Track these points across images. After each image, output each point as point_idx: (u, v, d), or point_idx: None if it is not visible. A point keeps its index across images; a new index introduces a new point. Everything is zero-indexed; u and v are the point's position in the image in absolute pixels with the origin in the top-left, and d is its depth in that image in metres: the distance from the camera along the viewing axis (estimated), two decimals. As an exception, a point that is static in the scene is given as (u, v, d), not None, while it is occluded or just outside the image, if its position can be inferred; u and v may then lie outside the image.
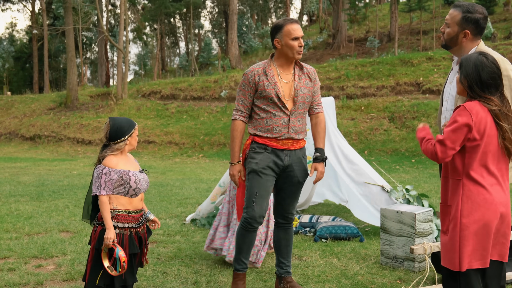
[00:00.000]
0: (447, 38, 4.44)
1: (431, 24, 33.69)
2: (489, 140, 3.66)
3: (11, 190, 11.82)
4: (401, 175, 13.95)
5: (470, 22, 4.32)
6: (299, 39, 4.74)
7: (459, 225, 3.67)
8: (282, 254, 5.08)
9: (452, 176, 3.78)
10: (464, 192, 3.69)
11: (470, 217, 3.65)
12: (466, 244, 3.65)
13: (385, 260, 5.89)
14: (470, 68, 3.72)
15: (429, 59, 24.71)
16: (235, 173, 4.85)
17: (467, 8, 4.33)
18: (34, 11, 50.39)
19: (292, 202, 4.98)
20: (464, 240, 3.65)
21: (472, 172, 3.68)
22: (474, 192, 3.67)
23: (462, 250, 3.65)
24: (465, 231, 3.65)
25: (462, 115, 3.63)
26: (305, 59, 34.64)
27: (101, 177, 4.10)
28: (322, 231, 7.03)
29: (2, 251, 6.49)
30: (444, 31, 4.46)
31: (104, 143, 4.30)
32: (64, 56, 53.11)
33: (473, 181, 3.68)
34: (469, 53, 3.92)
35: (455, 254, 3.69)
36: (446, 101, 4.52)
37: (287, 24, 4.74)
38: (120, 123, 4.26)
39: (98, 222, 4.19)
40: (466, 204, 3.67)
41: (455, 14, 4.36)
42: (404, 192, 7.07)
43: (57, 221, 8.29)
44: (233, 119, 4.88)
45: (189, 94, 28.74)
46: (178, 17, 61.27)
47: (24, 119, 29.52)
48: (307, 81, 4.89)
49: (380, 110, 21.76)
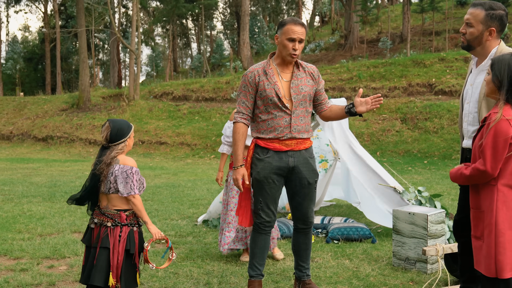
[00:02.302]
0: (470, 38, 4.35)
1: (443, 25, 33.55)
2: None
3: (24, 191, 11.87)
4: (413, 177, 13.89)
5: (495, 19, 4.26)
6: (295, 42, 4.62)
7: (495, 231, 3.61)
8: (302, 258, 5.04)
9: None
10: (498, 198, 3.63)
11: (506, 223, 3.60)
12: (503, 251, 3.59)
13: (397, 261, 5.86)
14: (505, 68, 3.64)
15: (441, 60, 24.61)
16: (238, 177, 4.71)
17: (489, 5, 4.27)
18: (46, 12, 50.64)
19: (309, 205, 4.89)
20: (500, 247, 3.60)
21: (507, 177, 3.62)
22: (509, 197, 3.61)
23: (498, 257, 3.60)
24: (501, 237, 3.60)
25: (503, 126, 3.55)
26: (317, 60, 34.60)
27: (132, 177, 4.11)
28: (334, 232, 7.01)
29: (14, 251, 6.52)
30: (465, 31, 4.36)
31: (104, 145, 4.25)
32: (76, 57, 53.36)
33: (508, 187, 3.63)
34: (501, 54, 3.84)
35: (491, 260, 3.64)
36: (467, 103, 4.44)
37: (290, 23, 4.65)
38: (120, 125, 4.23)
39: (125, 223, 4.16)
40: (501, 211, 3.61)
41: (477, 12, 4.29)
42: (416, 193, 7.03)
43: (69, 222, 8.32)
44: (234, 121, 4.77)
45: (201, 95, 28.77)
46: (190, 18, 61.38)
47: (37, 120, 29.66)
48: (309, 79, 4.80)
49: (392, 111, 21.69)
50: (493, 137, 3.55)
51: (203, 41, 49.36)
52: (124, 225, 4.14)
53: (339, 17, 46.10)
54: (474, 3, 4.37)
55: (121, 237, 4.10)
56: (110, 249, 4.07)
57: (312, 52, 39.95)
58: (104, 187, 4.15)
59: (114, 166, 4.14)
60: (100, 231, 4.13)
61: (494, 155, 3.56)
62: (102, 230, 4.12)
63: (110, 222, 4.13)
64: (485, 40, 4.31)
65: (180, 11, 47.09)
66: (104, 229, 4.12)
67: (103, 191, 4.17)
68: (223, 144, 6.33)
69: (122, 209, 4.17)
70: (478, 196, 3.76)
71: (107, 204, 4.18)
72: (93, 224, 4.18)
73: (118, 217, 4.14)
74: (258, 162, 4.74)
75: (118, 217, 4.14)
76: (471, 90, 4.43)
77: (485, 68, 4.33)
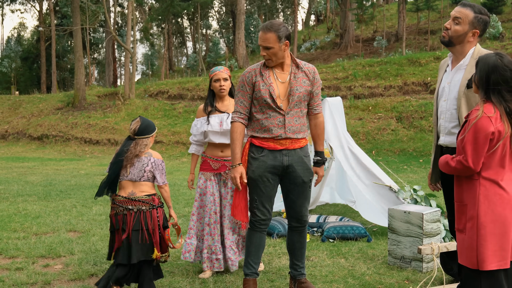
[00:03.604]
0: (453, 35, 4.49)
1: (439, 24, 33.63)
2: (505, 141, 3.65)
3: (19, 189, 11.85)
4: (408, 175, 13.91)
5: (481, 23, 4.44)
6: (263, 48, 4.65)
7: (477, 224, 3.69)
8: (296, 257, 5.03)
9: None
10: (481, 191, 3.70)
11: (487, 216, 3.66)
12: (484, 244, 3.67)
13: (393, 260, 5.87)
14: (486, 68, 3.71)
15: (437, 59, 24.65)
16: (237, 175, 4.70)
17: (478, 9, 4.45)
18: (42, 11, 50.55)
19: (303, 203, 4.89)
20: (481, 239, 3.67)
21: (489, 171, 3.69)
22: (491, 191, 3.67)
23: (480, 249, 3.68)
24: (482, 230, 3.67)
25: (483, 123, 3.62)
26: (313, 59, 34.63)
27: (164, 168, 4.84)
28: (329, 231, 7.02)
29: (10, 250, 6.51)
30: (450, 27, 4.49)
31: (130, 136, 4.84)
32: (72, 56, 53.25)
33: (490, 180, 3.69)
34: (486, 54, 3.90)
35: (473, 253, 3.72)
36: (444, 101, 4.55)
37: (260, 29, 4.74)
38: (149, 122, 4.88)
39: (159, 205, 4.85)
40: (483, 204, 3.68)
41: (467, 13, 4.43)
42: (411, 192, 7.05)
43: (64, 221, 8.31)
44: (232, 121, 4.78)
45: (196, 94, 28.76)
46: (186, 17, 61.32)
47: (32, 119, 29.60)
48: (305, 79, 4.78)
49: (388, 110, 21.72)
50: (474, 133, 3.63)
51: (199, 40, 49.35)
52: (158, 206, 4.81)
53: (334, 16, 46.19)
54: (464, 3, 4.52)
55: (159, 216, 4.79)
56: (150, 229, 4.72)
57: (307, 51, 40.00)
58: (131, 175, 4.77)
59: (148, 158, 4.80)
60: (135, 215, 4.71)
61: (475, 151, 3.64)
62: (138, 214, 4.72)
63: (145, 206, 4.73)
64: (467, 40, 4.47)
65: (175, 9, 47.03)
66: (137, 213, 4.71)
67: (130, 178, 4.78)
68: (191, 144, 5.91)
69: (150, 193, 4.79)
70: (462, 189, 3.84)
71: (133, 190, 4.76)
72: (125, 210, 4.71)
73: (152, 201, 4.78)
74: (253, 161, 4.75)
75: (152, 201, 4.78)
76: (448, 88, 4.57)
77: (463, 67, 4.50)
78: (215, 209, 5.56)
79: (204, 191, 5.63)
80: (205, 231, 5.57)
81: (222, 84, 5.62)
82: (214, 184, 5.61)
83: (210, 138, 5.63)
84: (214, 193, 5.59)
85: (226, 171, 5.61)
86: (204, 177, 5.66)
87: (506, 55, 3.78)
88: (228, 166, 5.58)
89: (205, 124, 5.61)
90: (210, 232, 5.54)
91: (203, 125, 5.63)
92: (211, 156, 5.67)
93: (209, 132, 5.60)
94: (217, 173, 5.65)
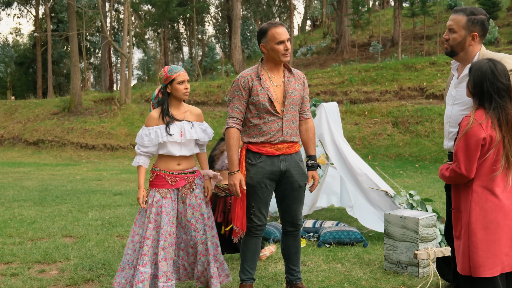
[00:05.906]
0: (453, 44, 4.44)
1: (434, 29, 33.70)
2: (497, 147, 3.66)
3: (15, 195, 11.83)
4: (404, 180, 13.92)
5: (477, 24, 4.35)
6: (284, 42, 4.64)
7: (469, 231, 3.71)
8: (292, 261, 5.03)
9: None
10: (473, 198, 3.72)
11: (478, 223, 3.66)
12: (475, 250, 3.68)
13: (389, 265, 5.87)
14: (478, 75, 3.72)
15: (432, 64, 24.70)
16: (236, 182, 4.65)
17: (470, 10, 4.38)
18: (37, 16, 50.50)
19: (298, 208, 4.91)
20: (473, 246, 3.69)
21: (482, 178, 3.69)
22: (483, 198, 3.68)
23: (471, 255, 3.70)
24: (473, 237, 3.69)
25: (474, 129, 3.64)
26: (308, 64, 34.66)
27: None
28: (325, 236, 7.02)
29: (5, 256, 6.49)
30: (448, 38, 4.46)
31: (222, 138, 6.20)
32: (67, 61, 53.22)
33: (482, 187, 3.69)
34: (479, 60, 3.90)
35: (465, 259, 3.73)
36: (450, 106, 4.52)
37: (271, 28, 4.66)
38: None
39: None
40: (474, 211, 3.70)
41: (459, 18, 4.38)
42: (407, 197, 7.05)
43: (60, 226, 8.29)
44: (227, 127, 4.73)
45: (192, 99, 28.76)
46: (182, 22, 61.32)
47: (28, 124, 29.55)
48: (297, 83, 4.82)
49: (384, 115, 21.75)
50: (465, 139, 3.67)
51: (195, 45, 49.35)
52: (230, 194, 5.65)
53: (330, 21, 46.22)
54: (455, 9, 4.48)
55: (226, 201, 5.77)
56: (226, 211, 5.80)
57: (303, 56, 40.01)
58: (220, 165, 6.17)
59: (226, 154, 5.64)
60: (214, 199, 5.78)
61: (467, 157, 3.67)
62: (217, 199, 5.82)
63: (222, 193, 5.62)
64: (468, 45, 4.40)
65: (171, 15, 47.01)
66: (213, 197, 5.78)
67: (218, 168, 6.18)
68: (138, 155, 5.00)
69: None
70: (458, 196, 3.87)
71: None
72: None
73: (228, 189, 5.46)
74: (250, 168, 4.74)
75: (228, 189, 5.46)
76: (454, 92, 4.53)
77: None
78: (170, 231, 4.83)
79: (159, 211, 4.84)
80: (160, 256, 4.78)
81: (187, 87, 5.00)
82: (170, 202, 4.87)
83: (170, 150, 4.89)
84: (169, 213, 4.85)
85: (185, 186, 4.95)
86: (158, 194, 4.87)
87: (500, 62, 3.79)
88: (186, 181, 4.96)
89: (164, 134, 4.85)
90: (165, 257, 4.81)
91: (162, 136, 4.83)
92: (166, 170, 4.92)
93: (169, 144, 4.88)
94: (174, 189, 4.94)
